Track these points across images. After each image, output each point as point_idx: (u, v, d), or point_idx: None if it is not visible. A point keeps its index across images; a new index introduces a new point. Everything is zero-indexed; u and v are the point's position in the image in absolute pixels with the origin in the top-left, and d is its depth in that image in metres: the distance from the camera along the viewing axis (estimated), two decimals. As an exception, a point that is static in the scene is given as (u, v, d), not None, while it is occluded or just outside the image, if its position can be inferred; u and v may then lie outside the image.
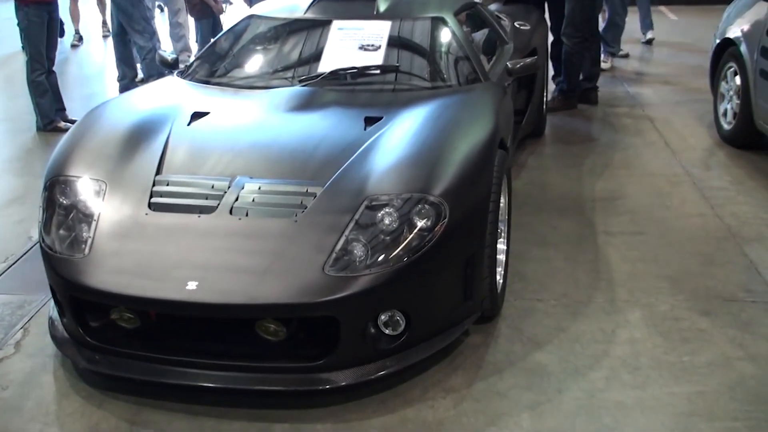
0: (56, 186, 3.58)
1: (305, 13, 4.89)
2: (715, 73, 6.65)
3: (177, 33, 9.02)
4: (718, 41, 6.58)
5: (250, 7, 6.79)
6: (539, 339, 3.66)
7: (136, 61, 8.47)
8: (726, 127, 6.38)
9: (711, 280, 4.18)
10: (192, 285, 3.06)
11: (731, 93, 6.28)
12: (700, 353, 3.54)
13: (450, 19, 4.84)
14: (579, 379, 3.37)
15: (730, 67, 6.32)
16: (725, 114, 6.40)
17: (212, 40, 5.29)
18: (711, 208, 5.11)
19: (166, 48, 9.46)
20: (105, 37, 11.64)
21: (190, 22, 9.67)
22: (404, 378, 3.34)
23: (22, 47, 7.16)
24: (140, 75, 8.48)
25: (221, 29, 8.79)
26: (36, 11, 6.89)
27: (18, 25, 6.99)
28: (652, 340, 3.64)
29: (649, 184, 5.58)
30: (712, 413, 3.14)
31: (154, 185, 3.52)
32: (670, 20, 12.43)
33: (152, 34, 8.05)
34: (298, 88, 4.28)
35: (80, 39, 11.74)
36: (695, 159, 6.09)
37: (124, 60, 8.27)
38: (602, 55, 8.66)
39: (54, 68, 7.24)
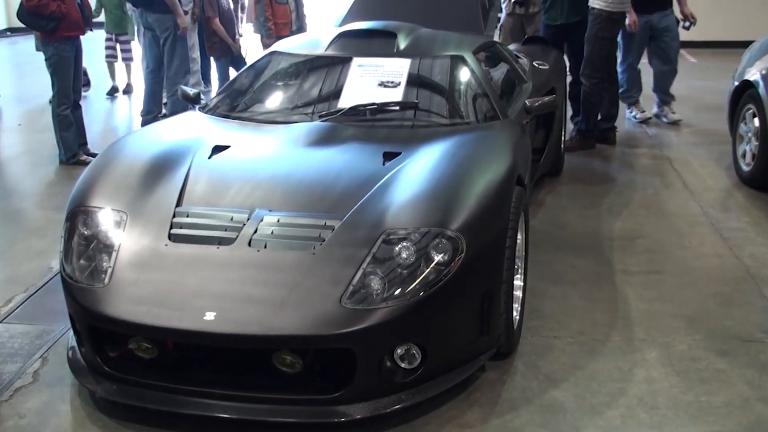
0: (78, 216, 3.63)
1: (326, 49, 4.95)
2: (734, 115, 6.66)
3: (191, 68, 9.14)
4: (736, 83, 6.61)
5: None
6: (556, 376, 3.64)
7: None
8: (745, 168, 6.38)
9: (729, 321, 4.16)
10: (210, 315, 3.08)
11: (750, 134, 6.29)
12: (718, 394, 3.51)
13: (469, 57, 4.89)
14: (595, 418, 3.35)
15: (749, 109, 6.33)
16: (744, 155, 6.40)
17: (234, 75, 5.34)
18: (729, 249, 5.09)
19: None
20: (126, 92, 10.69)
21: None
22: (419, 412, 3.33)
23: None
24: (163, 111, 8.56)
25: (242, 65, 8.89)
26: (66, 45, 7.01)
27: (47, 60, 7.09)
28: (669, 380, 3.61)
29: (667, 225, 5.57)
30: (730, 453, 3.12)
31: (174, 216, 3.56)
32: (689, 62, 12.48)
33: (186, 72, 8.15)
34: (318, 123, 4.32)
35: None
36: (714, 200, 6.09)
37: (153, 96, 8.34)
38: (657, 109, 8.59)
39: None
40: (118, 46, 10.46)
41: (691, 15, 8.29)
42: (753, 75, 6.29)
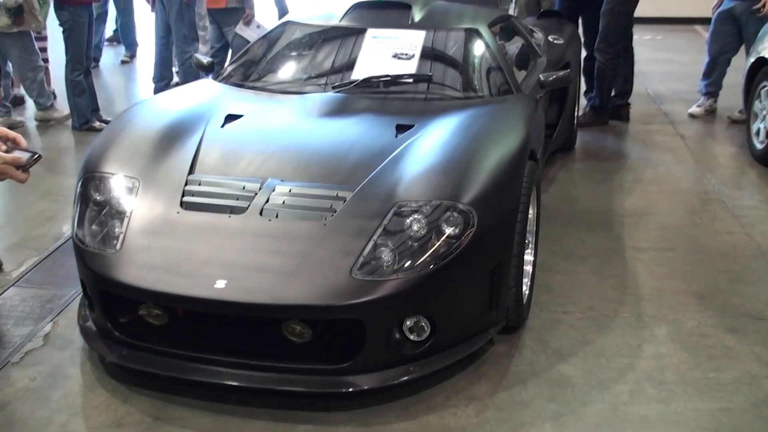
0: (90, 182, 3.64)
1: (340, 20, 4.93)
2: (749, 93, 6.61)
3: (203, 36, 9.10)
4: (752, 60, 6.55)
5: None
6: (564, 351, 3.65)
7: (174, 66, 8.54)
8: (758, 146, 6.34)
9: (739, 298, 4.16)
10: (220, 283, 3.09)
11: (765, 112, 6.25)
12: (726, 370, 3.52)
13: (484, 30, 4.86)
14: (603, 392, 3.36)
15: (764, 87, 6.28)
16: (758, 133, 6.35)
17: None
18: (741, 227, 5.08)
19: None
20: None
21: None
22: (428, 384, 3.35)
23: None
24: (175, 79, 8.55)
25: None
26: (81, 11, 7.00)
27: (61, 25, 7.07)
28: (677, 356, 3.62)
29: (679, 202, 5.56)
30: (737, 430, 3.12)
31: (186, 184, 3.57)
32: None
33: (194, 41, 8.12)
34: (331, 94, 4.31)
35: None
36: (726, 178, 6.06)
37: (164, 63, 8.32)
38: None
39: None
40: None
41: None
42: (769, 52, 6.24)
